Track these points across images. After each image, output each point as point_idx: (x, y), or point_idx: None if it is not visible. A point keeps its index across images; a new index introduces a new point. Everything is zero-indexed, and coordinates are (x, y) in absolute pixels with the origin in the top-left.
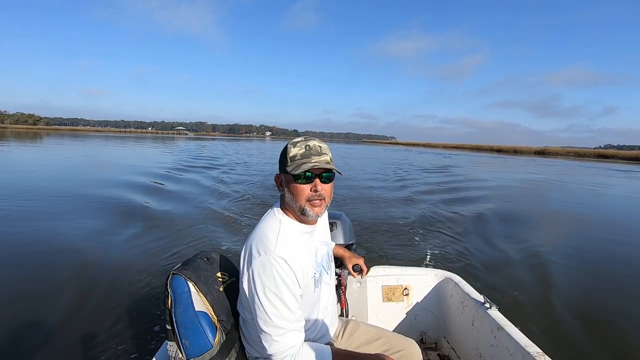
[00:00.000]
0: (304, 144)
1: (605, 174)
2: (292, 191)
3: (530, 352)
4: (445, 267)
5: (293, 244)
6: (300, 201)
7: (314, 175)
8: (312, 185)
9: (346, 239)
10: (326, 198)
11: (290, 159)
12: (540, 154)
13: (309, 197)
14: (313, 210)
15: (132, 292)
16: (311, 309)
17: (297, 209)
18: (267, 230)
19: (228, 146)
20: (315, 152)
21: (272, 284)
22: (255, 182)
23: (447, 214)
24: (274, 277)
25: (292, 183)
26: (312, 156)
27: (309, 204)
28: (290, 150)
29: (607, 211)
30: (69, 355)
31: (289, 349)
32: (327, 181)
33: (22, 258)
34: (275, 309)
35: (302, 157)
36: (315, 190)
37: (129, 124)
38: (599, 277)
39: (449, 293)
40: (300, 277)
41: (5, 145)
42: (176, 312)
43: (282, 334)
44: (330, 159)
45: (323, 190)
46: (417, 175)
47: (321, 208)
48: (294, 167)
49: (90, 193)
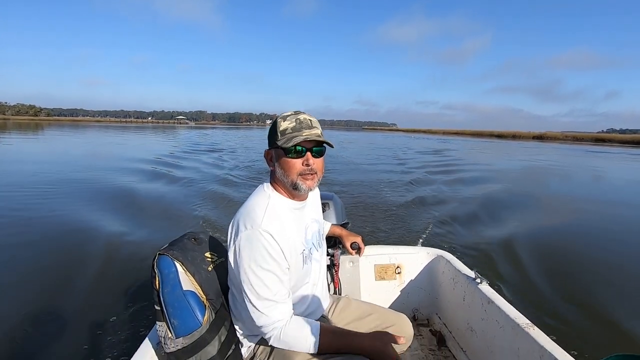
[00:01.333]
0: (294, 117)
1: (596, 157)
2: (283, 166)
3: (520, 324)
4: (437, 245)
5: (281, 219)
6: (291, 175)
7: (305, 149)
8: (304, 159)
9: (339, 219)
10: (318, 172)
11: (281, 132)
12: (539, 138)
13: (301, 171)
14: (305, 183)
15: (124, 274)
16: (300, 285)
17: (289, 183)
18: (255, 205)
19: (230, 134)
20: (306, 125)
21: (259, 257)
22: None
23: (441, 195)
24: (260, 251)
25: (283, 157)
26: (303, 129)
27: (301, 177)
28: (281, 124)
29: (581, 191)
30: (60, 339)
31: (277, 321)
32: (318, 155)
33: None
34: (261, 282)
35: (292, 130)
36: (307, 164)
37: (129, 113)
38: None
39: (441, 270)
40: (287, 252)
41: (15, 136)
42: (164, 292)
43: (269, 306)
44: (321, 132)
45: (314, 164)
46: (413, 156)
47: (313, 182)
48: (285, 140)
49: (103, 180)
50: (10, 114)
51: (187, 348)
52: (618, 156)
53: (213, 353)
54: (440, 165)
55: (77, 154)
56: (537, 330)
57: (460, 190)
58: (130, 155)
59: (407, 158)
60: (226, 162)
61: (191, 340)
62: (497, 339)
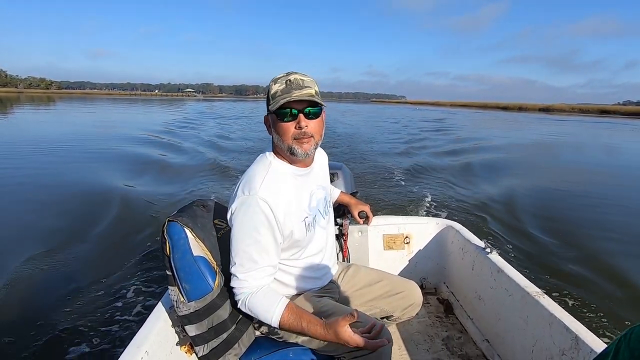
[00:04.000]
0: (285, 79)
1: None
2: (277, 131)
3: (529, 292)
4: (447, 215)
5: (280, 186)
6: (287, 140)
7: (297, 110)
8: (296, 122)
9: (347, 188)
10: (315, 135)
11: (271, 96)
12: (545, 111)
13: (295, 135)
14: (301, 147)
15: (135, 240)
16: (304, 252)
17: (285, 148)
18: (256, 171)
19: (238, 106)
20: (297, 85)
21: (250, 223)
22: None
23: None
24: (253, 217)
25: (277, 122)
26: (292, 90)
27: (296, 142)
28: (272, 87)
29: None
30: (71, 301)
31: (248, 287)
32: (313, 117)
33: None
34: (246, 248)
35: (282, 92)
36: (299, 126)
37: (136, 86)
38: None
39: (450, 240)
40: (283, 219)
41: (36, 110)
42: (174, 258)
43: (247, 271)
44: (316, 92)
45: (308, 127)
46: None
47: (309, 145)
48: (274, 104)
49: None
50: (23, 87)
51: (199, 312)
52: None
53: (225, 317)
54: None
55: (106, 124)
56: (547, 298)
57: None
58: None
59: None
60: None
61: (203, 304)
62: (506, 307)
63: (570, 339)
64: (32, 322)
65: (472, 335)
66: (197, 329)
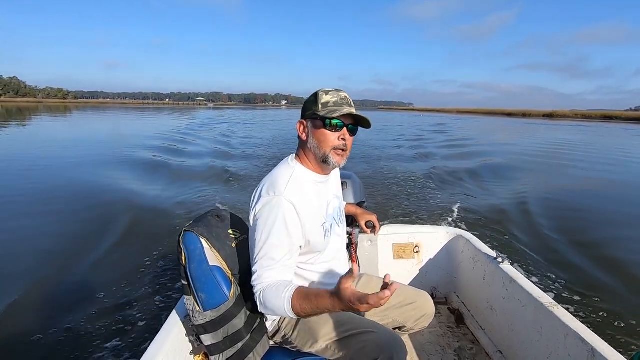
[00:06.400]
0: (336, 93)
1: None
2: (318, 137)
3: (543, 303)
4: (455, 225)
5: (303, 190)
6: (325, 148)
7: (344, 124)
8: (341, 134)
9: (357, 197)
10: (348, 150)
11: (323, 104)
12: (548, 117)
13: (335, 146)
14: (336, 158)
15: (149, 249)
16: (321, 257)
17: (320, 155)
18: (279, 175)
19: (247, 114)
20: (347, 103)
21: (273, 223)
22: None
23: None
24: (277, 217)
25: (321, 129)
26: (344, 106)
27: (334, 152)
28: (323, 97)
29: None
30: (88, 307)
31: (263, 283)
32: (352, 133)
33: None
34: (270, 247)
35: (334, 104)
36: (343, 138)
37: (147, 95)
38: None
39: (460, 250)
40: (307, 223)
41: (57, 119)
42: (190, 268)
43: (266, 267)
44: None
45: (348, 142)
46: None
47: (343, 158)
48: (328, 112)
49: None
50: (42, 97)
51: (215, 321)
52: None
53: (240, 326)
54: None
55: (119, 132)
56: (561, 309)
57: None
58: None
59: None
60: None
61: (219, 314)
62: (519, 318)
63: (586, 350)
64: (45, 329)
65: (485, 347)
66: (212, 338)
